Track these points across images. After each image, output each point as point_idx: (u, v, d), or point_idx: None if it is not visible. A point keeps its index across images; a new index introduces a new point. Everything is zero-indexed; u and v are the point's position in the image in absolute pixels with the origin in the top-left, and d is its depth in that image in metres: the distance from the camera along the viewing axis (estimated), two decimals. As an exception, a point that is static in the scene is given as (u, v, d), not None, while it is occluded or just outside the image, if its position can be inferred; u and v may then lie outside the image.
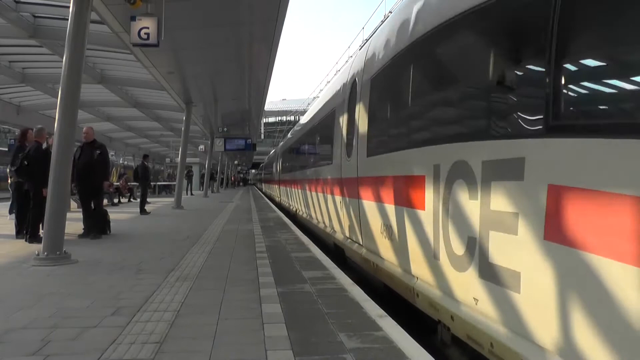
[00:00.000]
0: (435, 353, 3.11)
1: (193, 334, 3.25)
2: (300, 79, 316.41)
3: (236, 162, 59.69)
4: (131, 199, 21.38)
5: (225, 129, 25.77)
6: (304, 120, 14.22)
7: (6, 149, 31.85)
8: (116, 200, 19.18)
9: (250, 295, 4.34)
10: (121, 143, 39.60)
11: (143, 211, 13.89)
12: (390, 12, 6.14)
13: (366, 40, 6.98)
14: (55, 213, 6.12)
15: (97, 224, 8.43)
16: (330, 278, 5.13)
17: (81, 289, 4.58)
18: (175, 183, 20.41)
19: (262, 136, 64.89)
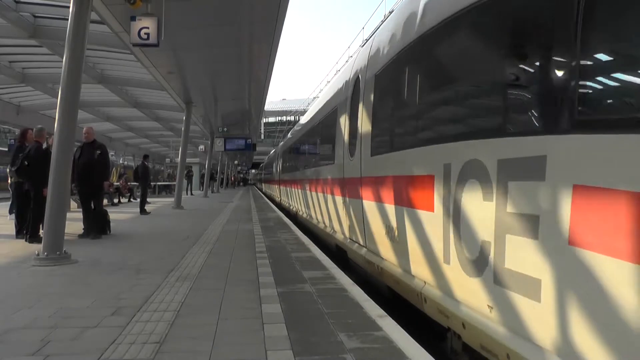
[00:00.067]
0: (436, 355, 3.10)
1: (193, 334, 3.25)
2: (300, 79, 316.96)
3: (236, 162, 59.67)
4: (131, 199, 21.38)
5: (225, 129, 25.78)
6: (305, 119, 13.97)
7: (6, 149, 31.87)
8: (116, 200, 19.18)
9: (250, 295, 4.34)
10: (121, 143, 39.62)
11: (143, 211, 13.90)
12: (390, 12, 6.04)
13: (369, 37, 6.86)
14: (55, 213, 6.12)
15: (97, 224, 8.44)
16: (330, 278, 5.12)
17: (81, 289, 4.58)
18: (175, 183, 20.41)
19: (262, 136, 64.95)
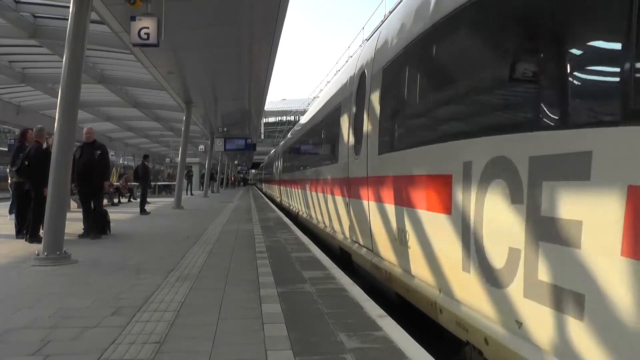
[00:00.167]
0: (436, 355, 3.10)
1: (193, 334, 3.25)
2: (300, 79, 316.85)
3: (236, 162, 59.70)
4: (131, 199, 21.39)
5: (225, 129, 25.79)
6: (307, 117, 13.60)
7: (6, 149, 31.89)
8: (116, 200, 19.18)
9: (250, 295, 4.34)
10: (121, 143, 39.63)
11: (143, 211, 13.90)
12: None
13: (374, 31, 6.61)
14: (55, 213, 6.12)
15: (97, 224, 8.44)
16: (330, 278, 5.12)
17: (81, 289, 4.58)
18: (175, 183, 20.42)
19: (262, 136, 64.95)
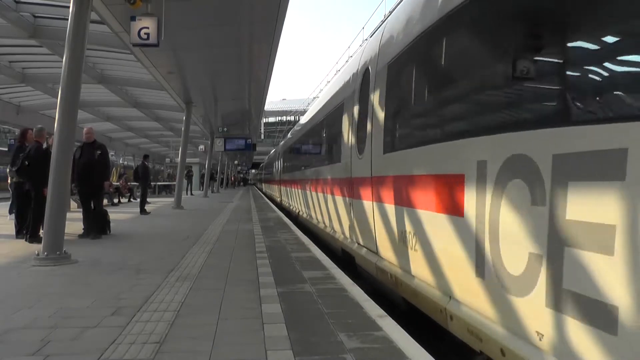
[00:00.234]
0: (436, 354, 3.10)
1: (193, 334, 3.25)
2: (300, 79, 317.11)
3: (236, 162, 59.72)
4: (131, 199, 21.40)
5: (225, 129, 25.80)
6: (308, 116, 13.36)
7: (6, 149, 31.90)
8: (116, 200, 19.19)
9: (250, 295, 4.34)
10: (121, 143, 39.65)
11: (143, 211, 13.91)
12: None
13: (378, 26, 6.42)
14: (55, 213, 6.12)
15: (97, 224, 8.44)
16: (330, 278, 5.12)
17: (81, 289, 4.58)
18: (175, 183, 20.42)
19: (262, 136, 64.97)
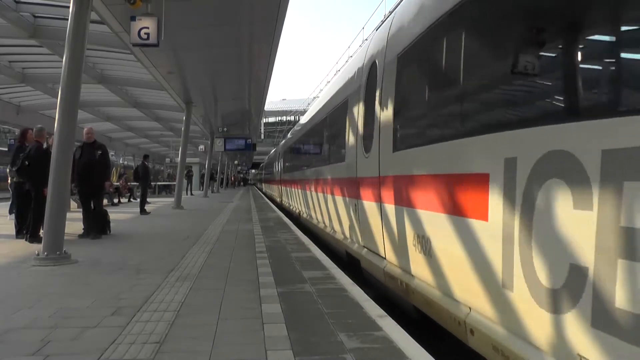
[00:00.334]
0: (436, 355, 3.09)
1: (193, 334, 3.25)
2: (300, 79, 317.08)
3: (236, 162, 59.74)
4: (131, 199, 21.41)
5: (225, 129, 25.81)
6: (309, 115, 12.98)
7: (6, 149, 31.90)
8: (116, 200, 19.19)
9: (250, 295, 4.34)
10: (121, 143, 39.65)
11: (143, 211, 13.91)
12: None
13: (385, 18, 6.15)
14: (55, 213, 6.12)
15: (97, 224, 8.44)
16: (330, 278, 5.12)
17: (81, 289, 4.58)
18: (175, 183, 20.43)
19: (262, 136, 64.99)
